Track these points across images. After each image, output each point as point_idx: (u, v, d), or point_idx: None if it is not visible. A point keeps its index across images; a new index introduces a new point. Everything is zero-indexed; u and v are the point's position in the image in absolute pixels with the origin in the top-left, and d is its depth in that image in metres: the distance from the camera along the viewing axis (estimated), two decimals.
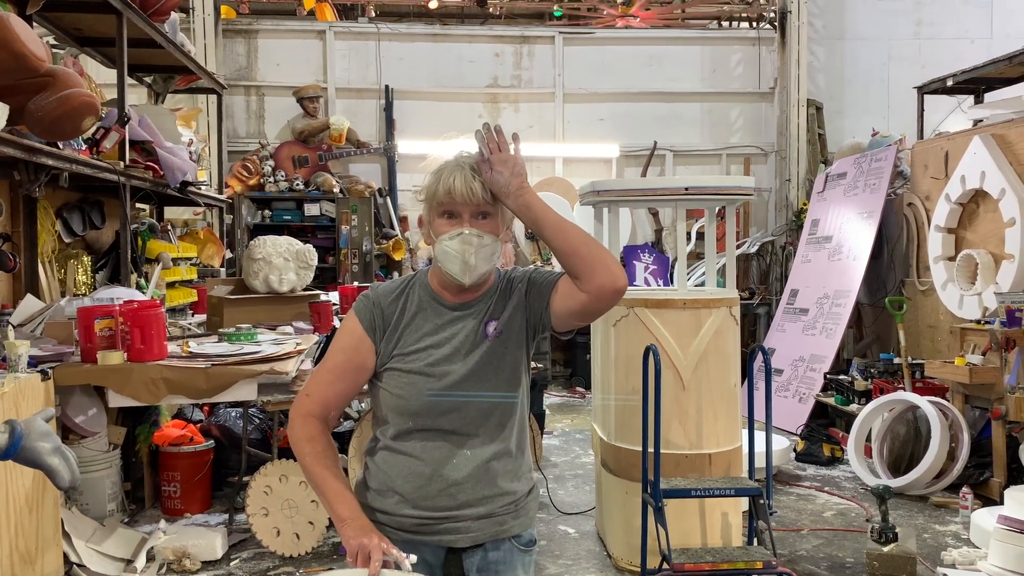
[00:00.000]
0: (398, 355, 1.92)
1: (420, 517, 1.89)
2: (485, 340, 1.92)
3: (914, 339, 6.96)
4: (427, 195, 1.93)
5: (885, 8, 10.15)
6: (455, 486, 1.89)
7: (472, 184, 1.87)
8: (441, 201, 1.89)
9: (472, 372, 1.90)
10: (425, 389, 1.89)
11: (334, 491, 1.86)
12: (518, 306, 1.96)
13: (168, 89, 6.89)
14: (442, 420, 1.90)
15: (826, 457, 6.23)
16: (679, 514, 3.81)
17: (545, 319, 1.94)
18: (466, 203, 1.87)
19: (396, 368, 1.91)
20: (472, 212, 1.89)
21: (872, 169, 7.82)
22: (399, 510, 1.90)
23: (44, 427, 1.81)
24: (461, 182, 1.87)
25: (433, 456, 1.89)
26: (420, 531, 1.90)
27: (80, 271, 5.29)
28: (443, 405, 1.89)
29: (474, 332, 1.93)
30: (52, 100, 3.78)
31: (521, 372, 1.97)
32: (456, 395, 1.89)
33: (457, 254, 1.86)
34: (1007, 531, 3.93)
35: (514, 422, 1.97)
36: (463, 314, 1.95)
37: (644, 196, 4.38)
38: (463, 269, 1.87)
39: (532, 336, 1.98)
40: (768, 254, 9.95)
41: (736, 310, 4.02)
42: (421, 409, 1.89)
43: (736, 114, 10.25)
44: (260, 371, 4.05)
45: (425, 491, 1.89)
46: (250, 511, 4.23)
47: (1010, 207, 5.87)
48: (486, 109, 9.95)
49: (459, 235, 1.86)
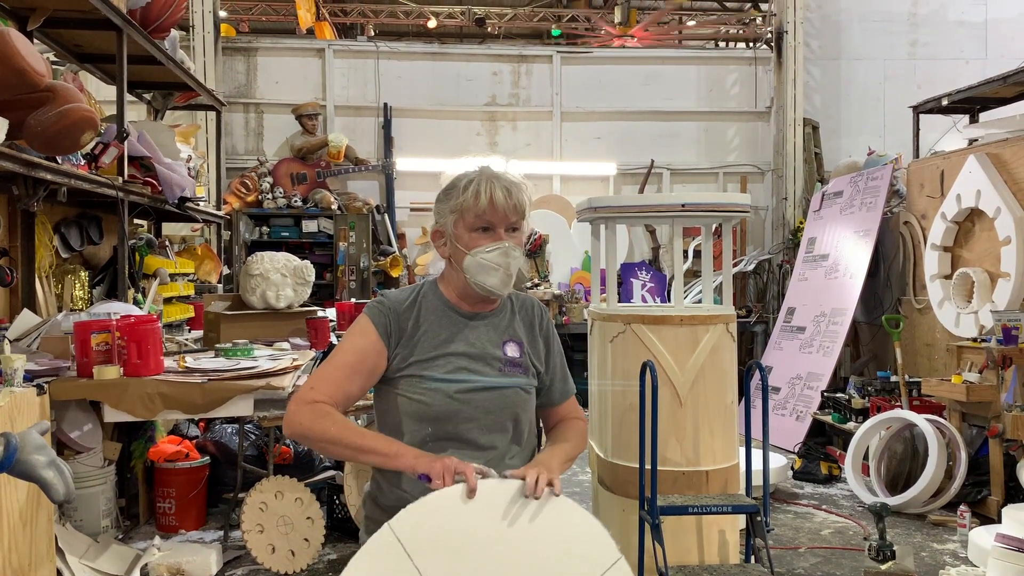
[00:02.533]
0: (416, 362, 1.93)
1: None
2: (503, 357, 1.98)
3: (911, 357, 6.97)
4: (456, 208, 1.93)
5: (880, 29, 10.23)
6: None
7: (512, 193, 1.91)
8: (480, 214, 1.91)
9: (491, 383, 1.94)
10: (447, 393, 1.90)
11: (380, 440, 1.83)
12: (536, 353, 2.05)
13: (167, 106, 6.92)
14: (461, 428, 1.91)
15: (823, 475, 6.21)
16: (676, 531, 3.79)
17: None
18: (506, 215, 1.91)
19: (416, 374, 1.92)
20: (506, 226, 1.93)
21: (868, 188, 7.85)
22: None
23: (39, 440, 1.80)
24: (503, 196, 1.90)
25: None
26: None
27: (77, 286, 5.28)
28: (463, 412, 1.91)
29: (492, 345, 1.98)
30: (52, 115, 3.79)
31: (532, 398, 2.03)
32: (476, 401, 1.92)
33: (499, 267, 1.89)
34: (1005, 549, 3.92)
35: (527, 435, 2.02)
36: (478, 324, 1.99)
37: (641, 213, 4.39)
38: (503, 281, 1.91)
39: (537, 378, 2.07)
40: (765, 272, 9.98)
41: (733, 327, 4.03)
42: (441, 414, 1.90)
43: (733, 133, 10.30)
44: (256, 386, 4.03)
45: None
46: (245, 528, 4.20)
47: (1006, 226, 5.89)
48: (484, 127, 10.00)
49: (499, 248, 1.90)
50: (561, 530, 1.73)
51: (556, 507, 1.73)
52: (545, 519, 1.71)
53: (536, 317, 2.09)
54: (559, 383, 2.11)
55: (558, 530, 1.72)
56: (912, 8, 10.27)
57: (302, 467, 5.17)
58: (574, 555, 1.73)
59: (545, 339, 2.09)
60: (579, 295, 9.20)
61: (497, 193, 1.89)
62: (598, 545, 1.76)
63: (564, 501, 1.76)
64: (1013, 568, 3.86)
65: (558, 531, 1.72)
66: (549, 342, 2.10)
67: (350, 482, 4.54)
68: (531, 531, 1.71)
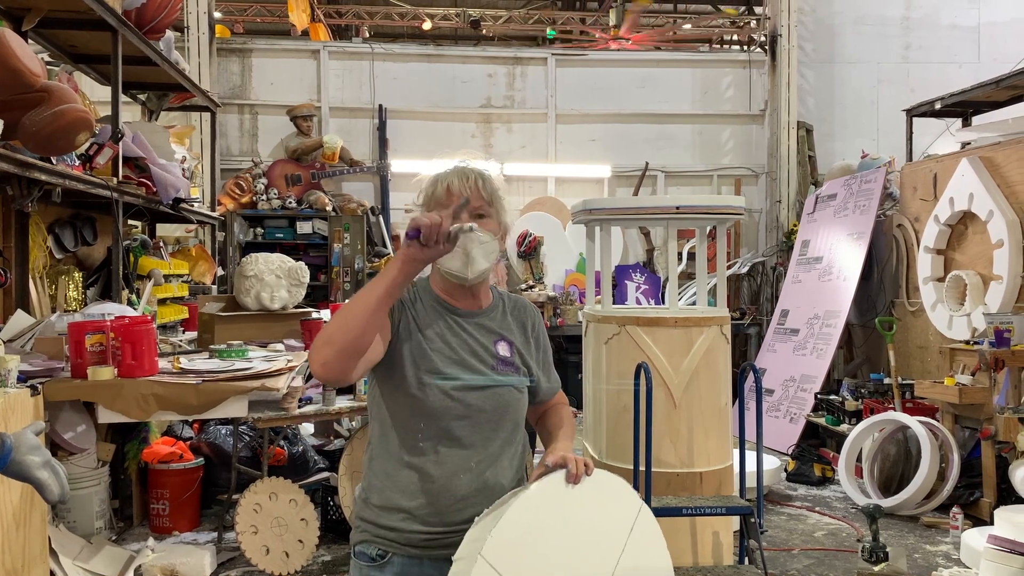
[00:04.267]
0: (410, 356, 1.92)
1: (429, 533, 1.89)
2: (496, 355, 1.98)
3: (904, 359, 6.99)
4: (425, 200, 1.98)
5: (874, 32, 10.27)
6: (462, 500, 1.89)
7: (470, 178, 1.94)
8: (440, 201, 1.94)
9: (484, 381, 1.94)
10: (441, 390, 1.90)
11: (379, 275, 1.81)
12: (528, 353, 2.06)
13: (162, 107, 6.91)
14: (454, 425, 1.91)
15: (817, 477, 6.23)
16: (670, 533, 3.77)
17: None
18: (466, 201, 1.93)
19: (410, 370, 1.91)
20: (470, 212, 1.93)
21: (862, 191, 7.88)
22: (408, 526, 1.90)
23: (34, 440, 1.80)
24: (459, 181, 1.93)
25: (441, 471, 1.90)
26: (429, 546, 1.89)
27: (71, 287, 5.27)
28: (455, 410, 1.90)
29: (485, 344, 1.98)
30: (46, 115, 3.79)
31: (525, 398, 2.03)
32: (469, 399, 1.91)
33: (459, 249, 1.87)
34: (997, 551, 3.93)
35: (519, 437, 2.02)
36: (471, 322, 1.99)
37: (636, 215, 4.40)
38: (465, 264, 1.89)
39: (529, 379, 2.06)
40: (759, 275, 10.00)
41: (727, 328, 4.04)
42: (435, 411, 1.90)
43: (727, 136, 10.33)
44: (251, 387, 4.04)
45: (434, 507, 1.89)
46: (239, 529, 4.20)
47: (998, 228, 5.92)
48: (479, 129, 10.01)
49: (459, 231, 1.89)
50: (598, 496, 1.89)
51: (588, 480, 1.87)
52: (586, 494, 1.86)
53: (528, 318, 2.11)
54: (550, 381, 2.14)
55: (596, 496, 1.88)
56: (905, 12, 10.31)
57: (296, 469, 5.16)
58: (613, 513, 1.91)
59: (536, 340, 2.11)
60: (574, 297, 9.21)
61: (453, 180, 1.94)
62: (624, 498, 1.95)
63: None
64: (1005, 570, 3.88)
65: (597, 498, 1.88)
66: (540, 343, 2.12)
67: (344, 484, 4.54)
68: (582, 508, 1.85)
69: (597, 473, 1.91)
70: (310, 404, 4.57)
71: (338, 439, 5.71)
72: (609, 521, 1.89)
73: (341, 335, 1.72)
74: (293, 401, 4.30)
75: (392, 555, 1.90)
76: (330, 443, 5.67)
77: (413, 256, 1.75)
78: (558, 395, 2.19)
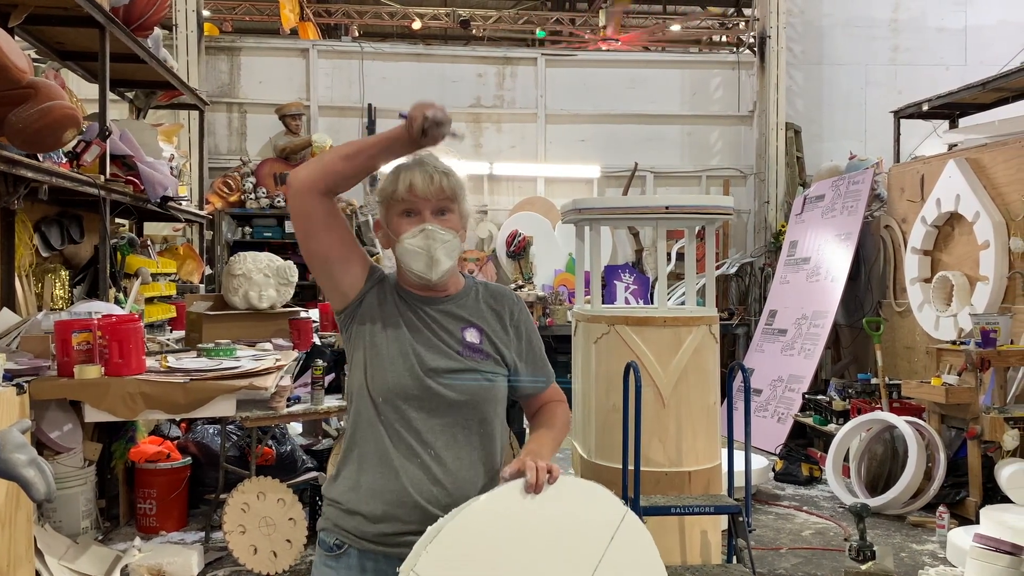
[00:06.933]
0: (375, 336, 1.89)
1: (387, 533, 1.84)
2: (462, 341, 1.91)
3: (891, 360, 7.03)
4: (383, 196, 1.93)
5: (862, 34, 10.32)
6: (418, 497, 1.83)
7: (433, 178, 1.88)
8: (401, 199, 1.89)
9: (448, 368, 1.87)
10: (404, 368, 1.85)
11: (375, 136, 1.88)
12: (505, 343, 1.97)
13: (150, 104, 6.87)
14: (413, 415, 1.85)
15: (804, 477, 6.26)
16: (659, 532, 3.80)
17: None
18: (427, 199, 1.88)
19: (374, 346, 1.88)
20: (433, 209, 1.89)
21: (850, 192, 7.92)
22: (362, 526, 1.86)
23: (20, 439, 1.78)
24: (421, 178, 1.88)
25: (404, 476, 1.83)
26: (385, 543, 1.84)
27: (58, 285, 5.24)
28: (412, 390, 1.85)
29: (450, 330, 1.92)
30: (33, 112, 3.76)
31: (496, 389, 1.94)
32: (428, 383, 1.85)
33: (422, 250, 1.85)
34: (983, 550, 3.96)
35: (490, 432, 1.94)
36: (435, 309, 1.94)
37: (625, 214, 4.41)
38: (428, 265, 1.87)
39: (505, 369, 1.98)
40: (747, 275, 10.03)
41: (716, 328, 4.05)
42: (396, 387, 1.85)
43: (716, 137, 10.36)
44: (239, 386, 4.02)
45: (395, 512, 1.83)
46: (227, 529, 4.18)
47: (984, 230, 5.96)
48: (469, 129, 9.99)
49: (422, 231, 1.87)
50: (569, 505, 1.76)
51: (556, 487, 1.75)
52: (553, 503, 1.73)
53: (507, 308, 2.01)
54: (537, 373, 2.04)
55: (566, 506, 1.75)
56: (893, 14, 10.37)
57: (284, 468, 5.14)
58: (587, 522, 1.77)
59: (517, 329, 2.01)
60: (563, 297, 9.21)
61: (416, 177, 1.88)
62: (605, 505, 1.81)
63: (562, 478, 1.78)
64: (991, 568, 3.90)
65: (567, 507, 1.75)
66: (522, 332, 2.02)
67: None
68: (548, 519, 1.72)
69: (569, 480, 1.80)
70: (298, 403, 4.55)
71: (326, 438, 5.69)
72: (583, 532, 1.76)
73: (324, 161, 1.86)
74: (281, 400, 4.29)
75: (349, 547, 1.87)
76: (318, 442, 5.65)
77: (398, 135, 1.83)
78: (551, 391, 2.08)
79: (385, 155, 1.87)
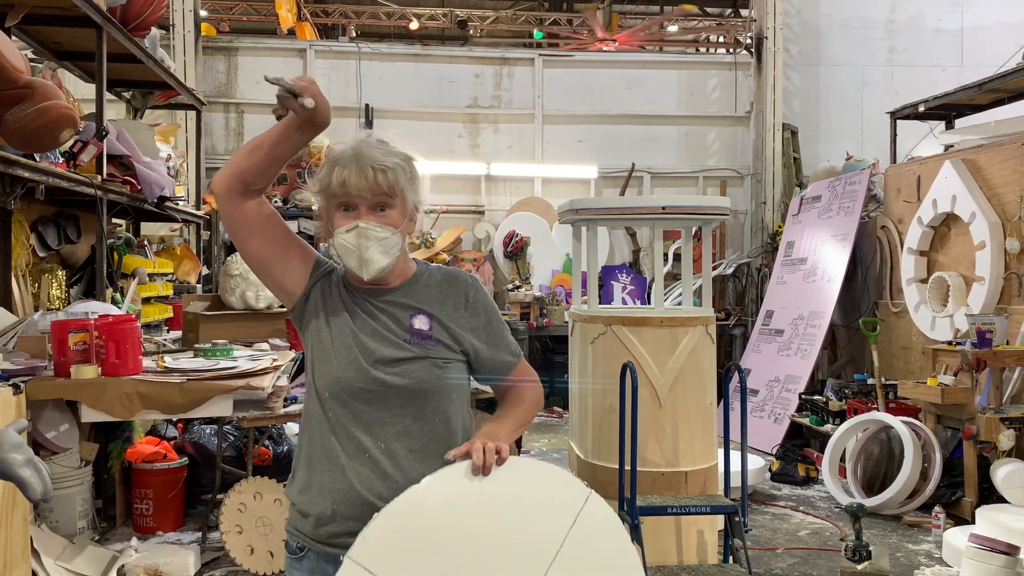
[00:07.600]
0: (321, 331, 1.85)
1: (337, 533, 1.80)
2: (411, 331, 1.85)
3: (887, 360, 7.04)
4: (321, 187, 1.85)
5: (859, 36, 10.34)
6: (369, 496, 1.78)
7: (367, 174, 1.78)
8: (335, 193, 1.81)
9: (394, 357, 1.81)
10: (347, 361, 1.81)
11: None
12: (460, 326, 1.89)
13: (147, 104, 6.87)
14: (361, 407, 1.80)
15: (801, 477, 6.26)
16: (655, 532, 3.81)
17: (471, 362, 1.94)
18: (362, 195, 1.80)
19: (320, 342, 1.85)
20: (370, 204, 1.81)
21: (846, 192, 7.93)
22: (317, 529, 1.83)
23: (16, 438, 1.78)
24: (356, 174, 1.78)
25: (352, 473, 1.79)
26: (337, 544, 1.78)
27: (54, 285, 5.23)
28: (357, 383, 1.80)
29: (397, 318, 1.86)
30: (30, 112, 3.76)
31: (449, 376, 1.86)
32: (377, 373, 1.80)
33: (353, 248, 1.79)
34: (979, 550, 3.97)
35: (443, 421, 1.85)
36: (381, 300, 1.88)
37: (623, 215, 4.42)
38: (359, 264, 1.80)
39: (462, 355, 1.91)
40: (744, 276, 10.04)
41: (712, 328, 4.06)
42: (341, 381, 1.80)
43: (713, 137, 10.37)
44: (236, 386, 4.01)
45: (344, 511, 1.79)
46: (224, 529, 4.18)
47: (980, 230, 5.97)
48: (466, 129, 10.01)
49: (354, 229, 1.79)
50: (525, 488, 1.69)
51: (511, 470, 1.69)
52: (506, 486, 1.67)
53: (463, 290, 1.92)
54: (500, 353, 1.94)
55: (523, 489, 1.69)
56: (890, 15, 10.39)
57: (281, 468, 5.14)
58: (548, 504, 1.70)
59: (474, 309, 1.91)
60: (560, 297, 9.22)
61: (350, 173, 1.78)
62: (566, 487, 1.74)
63: (516, 460, 1.72)
64: (986, 568, 3.91)
65: (523, 490, 1.69)
66: (479, 311, 1.92)
67: None
68: (499, 502, 1.66)
69: (527, 462, 1.74)
70: (295, 403, 4.55)
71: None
72: (542, 514, 1.69)
73: (232, 162, 1.83)
74: (278, 400, 4.29)
75: (308, 550, 1.85)
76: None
77: (291, 118, 1.82)
78: (520, 369, 1.97)
79: (285, 140, 1.81)
